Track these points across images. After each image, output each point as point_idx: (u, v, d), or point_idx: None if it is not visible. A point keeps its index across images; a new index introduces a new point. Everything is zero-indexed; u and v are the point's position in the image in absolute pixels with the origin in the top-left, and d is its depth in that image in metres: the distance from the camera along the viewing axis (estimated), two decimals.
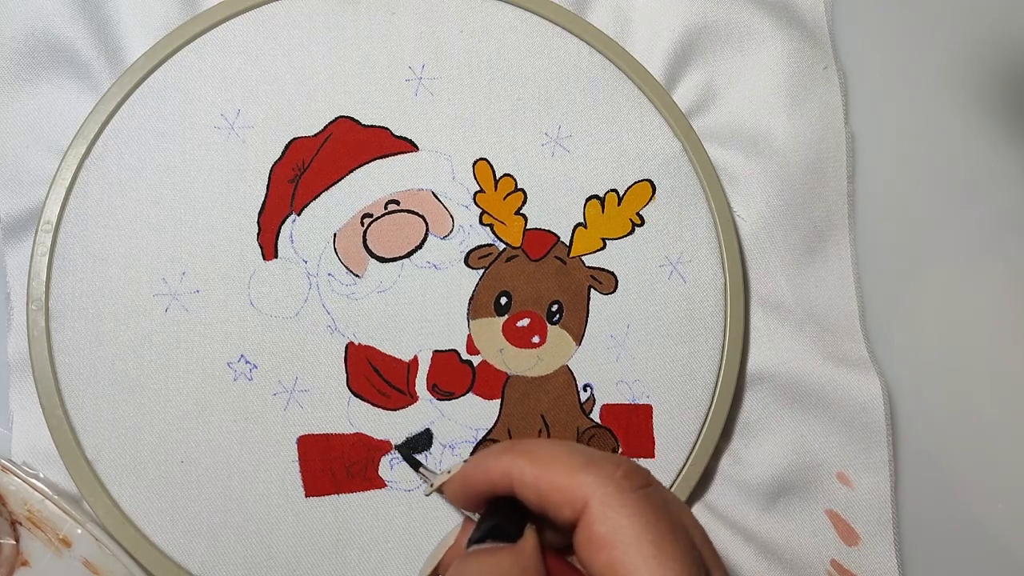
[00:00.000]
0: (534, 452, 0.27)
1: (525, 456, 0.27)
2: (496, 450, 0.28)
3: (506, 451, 0.27)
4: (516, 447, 0.27)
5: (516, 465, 0.26)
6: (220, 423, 0.39)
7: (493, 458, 0.27)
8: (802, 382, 0.42)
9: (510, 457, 0.27)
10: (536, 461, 0.26)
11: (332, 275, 0.40)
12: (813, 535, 0.42)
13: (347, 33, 0.42)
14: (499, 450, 0.28)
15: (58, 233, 0.39)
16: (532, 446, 0.27)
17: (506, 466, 0.27)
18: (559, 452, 0.26)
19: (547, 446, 0.27)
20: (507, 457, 0.27)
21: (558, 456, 0.26)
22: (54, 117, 0.41)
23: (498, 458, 0.27)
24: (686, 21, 0.44)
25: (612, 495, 0.25)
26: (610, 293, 0.42)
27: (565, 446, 0.27)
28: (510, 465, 0.27)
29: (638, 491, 0.25)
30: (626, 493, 0.25)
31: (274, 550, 0.38)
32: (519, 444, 0.27)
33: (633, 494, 0.25)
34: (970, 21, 0.48)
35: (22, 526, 0.38)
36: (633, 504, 0.25)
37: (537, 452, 0.27)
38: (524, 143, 0.42)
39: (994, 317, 0.46)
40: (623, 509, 0.25)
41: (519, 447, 0.27)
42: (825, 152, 0.45)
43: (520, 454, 0.27)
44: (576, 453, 0.26)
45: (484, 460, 0.28)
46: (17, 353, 0.40)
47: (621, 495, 0.25)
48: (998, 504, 0.44)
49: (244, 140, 0.40)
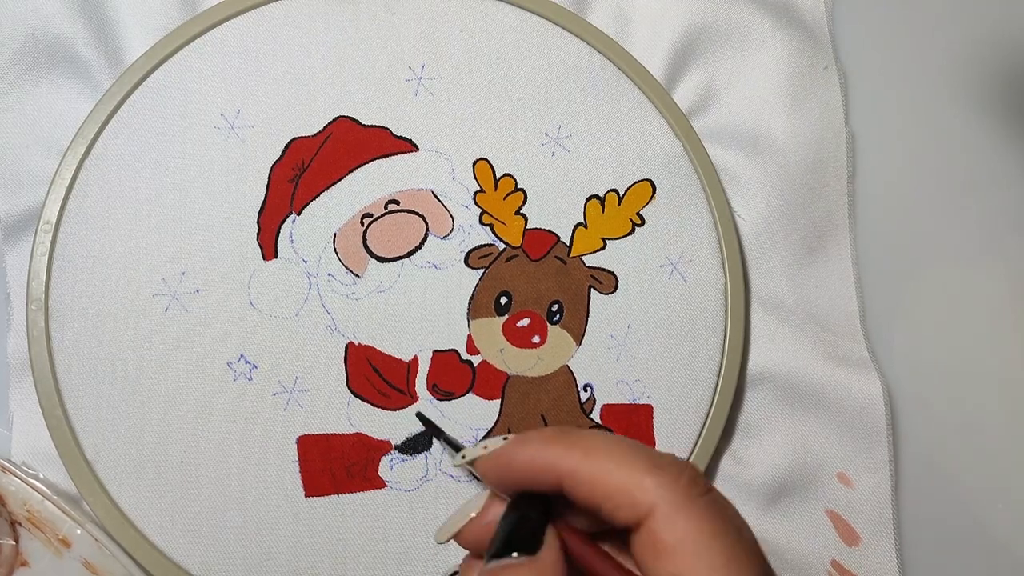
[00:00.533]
0: (588, 446, 0.25)
1: (578, 449, 0.25)
2: (544, 437, 0.26)
3: (555, 441, 0.25)
4: (567, 438, 0.25)
5: (568, 458, 0.25)
6: (220, 423, 0.39)
7: (539, 446, 0.25)
8: (803, 382, 0.42)
9: (561, 449, 0.25)
10: (592, 457, 0.25)
11: (332, 275, 0.40)
12: (814, 535, 0.42)
13: (347, 33, 0.42)
14: (547, 438, 0.25)
15: (58, 233, 0.39)
16: (585, 440, 0.25)
17: (554, 458, 0.25)
18: (617, 449, 0.25)
19: (602, 441, 0.25)
20: (557, 448, 0.25)
21: (617, 454, 0.25)
22: (54, 117, 0.41)
23: (545, 447, 0.25)
24: (686, 21, 0.44)
25: (680, 502, 0.24)
26: (610, 293, 0.42)
27: (620, 443, 0.25)
28: (560, 458, 0.25)
29: (705, 497, 0.24)
30: (693, 500, 0.24)
31: (274, 550, 0.38)
32: (570, 435, 0.25)
33: (701, 500, 0.24)
34: (970, 21, 0.48)
35: (21, 526, 0.38)
36: (701, 512, 0.24)
37: (592, 447, 0.25)
38: (524, 143, 0.42)
39: (994, 317, 0.46)
40: (691, 517, 0.24)
41: (570, 438, 0.25)
42: (825, 152, 0.45)
43: (572, 446, 0.25)
44: (637, 452, 0.25)
45: (529, 446, 0.26)
46: (17, 353, 0.40)
47: (689, 502, 0.24)
48: (998, 504, 0.44)
49: (244, 140, 0.40)
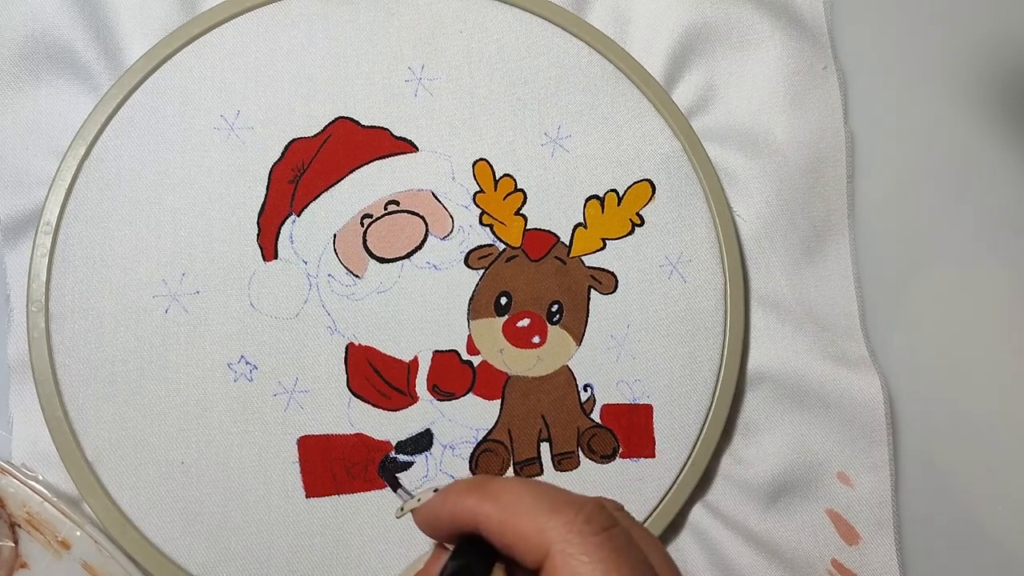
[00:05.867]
0: (499, 495, 0.26)
1: (490, 500, 0.26)
2: (463, 488, 0.27)
3: (472, 491, 0.27)
4: (482, 488, 0.27)
5: (481, 508, 0.26)
6: (220, 424, 0.39)
7: (459, 497, 0.27)
8: (802, 382, 0.42)
9: (475, 499, 0.27)
10: (500, 505, 0.26)
11: (332, 276, 0.40)
12: (814, 535, 0.42)
13: (346, 34, 0.42)
14: (465, 489, 0.27)
15: (58, 234, 0.39)
16: (497, 488, 0.27)
17: (471, 508, 0.26)
18: (523, 496, 0.26)
19: (512, 489, 0.26)
20: (472, 499, 0.27)
21: (522, 500, 0.26)
22: (54, 118, 0.41)
23: (464, 498, 0.27)
24: (685, 21, 0.44)
25: (573, 542, 0.25)
26: (610, 293, 0.42)
27: (530, 488, 0.26)
28: (475, 507, 0.26)
29: (600, 535, 0.25)
30: (587, 539, 0.25)
31: (274, 550, 0.38)
32: (486, 485, 0.27)
33: (595, 538, 0.25)
34: (970, 21, 0.48)
35: (21, 528, 0.38)
36: (593, 551, 0.24)
37: (502, 495, 0.26)
38: (524, 143, 0.42)
39: (994, 317, 0.46)
40: (583, 556, 0.24)
41: (485, 488, 0.27)
42: (824, 152, 0.45)
43: (485, 497, 0.26)
44: (540, 497, 0.26)
45: (450, 498, 0.27)
46: (17, 355, 0.40)
47: (582, 541, 0.25)
48: (998, 503, 0.44)
49: (244, 141, 0.40)
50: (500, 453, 0.40)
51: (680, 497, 0.41)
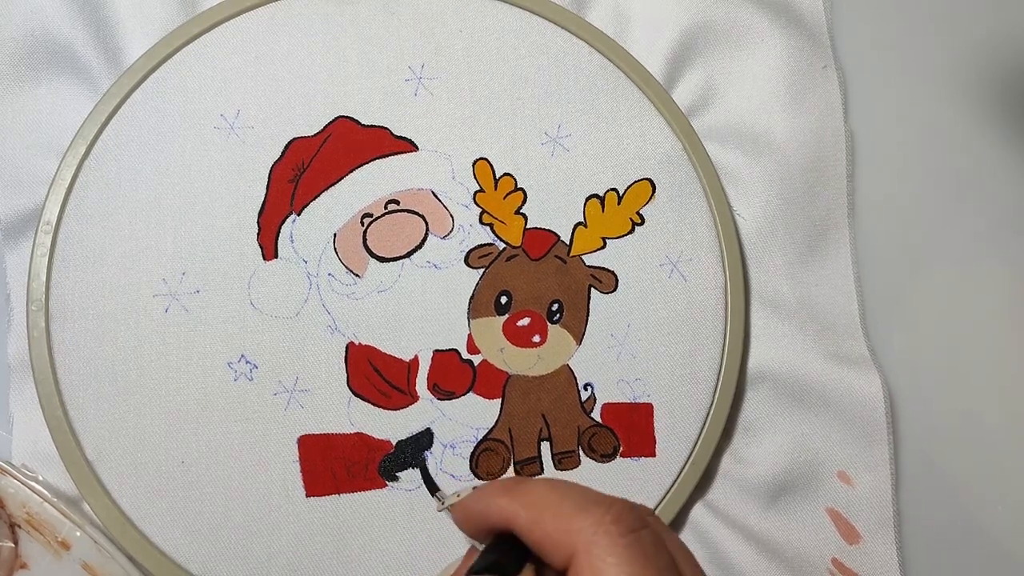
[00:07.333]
0: (529, 496, 0.26)
1: (521, 500, 0.26)
2: (497, 489, 0.28)
3: (505, 492, 0.27)
4: (514, 489, 0.27)
5: (512, 509, 0.26)
6: (221, 423, 0.39)
7: (493, 496, 0.27)
8: (803, 381, 0.42)
9: (507, 500, 0.27)
10: (530, 506, 0.26)
11: (332, 275, 0.40)
12: (814, 534, 0.42)
13: (346, 33, 0.42)
14: (500, 488, 0.27)
15: (58, 234, 0.39)
16: (529, 489, 0.27)
17: (503, 508, 0.27)
18: (551, 495, 0.26)
19: (542, 490, 0.27)
20: (505, 499, 0.27)
21: (549, 499, 0.26)
22: (54, 118, 0.41)
23: (497, 499, 0.27)
24: (685, 20, 0.44)
25: (600, 543, 0.24)
26: (610, 292, 0.42)
27: (559, 488, 0.26)
28: (507, 507, 0.27)
29: (628, 536, 0.25)
30: (614, 539, 0.24)
31: (275, 550, 0.38)
32: (518, 486, 0.27)
33: (622, 539, 0.24)
34: (970, 21, 0.48)
35: (21, 529, 0.38)
36: (620, 552, 0.24)
37: (532, 496, 0.26)
38: (524, 142, 0.42)
39: (994, 316, 0.46)
40: (610, 558, 0.24)
41: (517, 489, 0.27)
42: (824, 151, 0.45)
43: (516, 497, 0.27)
44: (568, 496, 0.26)
45: (485, 497, 0.28)
46: (17, 354, 0.39)
47: (609, 542, 0.24)
48: (998, 503, 0.44)
49: (244, 140, 0.40)
50: (500, 452, 0.40)
51: (681, 496, 0.41)
